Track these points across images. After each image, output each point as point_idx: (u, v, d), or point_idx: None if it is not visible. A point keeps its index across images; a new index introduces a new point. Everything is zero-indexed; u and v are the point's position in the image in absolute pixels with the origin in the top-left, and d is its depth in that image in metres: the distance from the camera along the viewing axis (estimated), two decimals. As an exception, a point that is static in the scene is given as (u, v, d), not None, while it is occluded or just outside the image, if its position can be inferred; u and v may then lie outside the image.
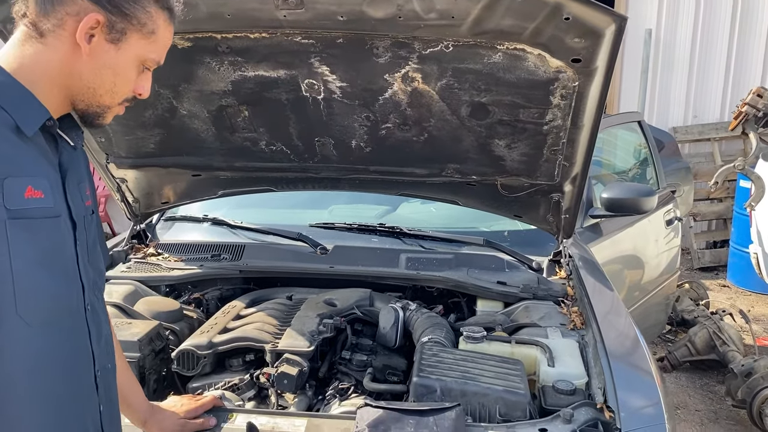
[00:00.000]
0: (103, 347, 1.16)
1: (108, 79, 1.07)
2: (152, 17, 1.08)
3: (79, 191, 1.14)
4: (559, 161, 1.96)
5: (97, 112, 1.10)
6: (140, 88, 1.12)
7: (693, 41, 6.37)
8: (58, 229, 1.04)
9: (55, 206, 1.04)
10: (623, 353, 1.74)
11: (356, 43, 1.63)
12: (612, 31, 1.51)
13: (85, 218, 1.13)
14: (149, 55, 1.10)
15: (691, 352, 3.79)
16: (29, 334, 0.98)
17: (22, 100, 1.02)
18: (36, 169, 1.01)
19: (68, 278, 1.05)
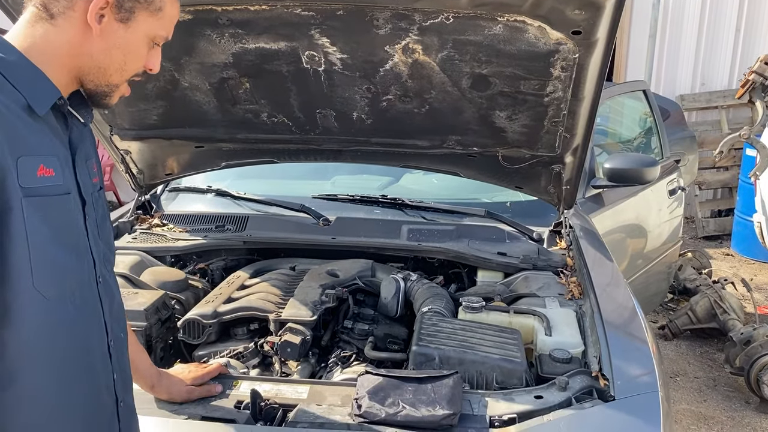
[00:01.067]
0: (116, 317, 1.19)
1: (118, 58, 1.08)
2: (165, 6, 1.10)
3: (87, 168, 1.16)
4: (560, 133, 1.97)
5: (105, 91, 1.11)
6: (150, 63, 1.14)
7: (702, 5, 6.26)
8: (69, 206, 1.07)
9: (65, 184, 1.06)
10: (620, 323, 1.77)
11: (356, 14, 1.62)
12: (612, 3, 1.50)
13: (93, 195, 1.15)
14: (158, 32, 1.11)
15: (692, 321, 3.83)
16: (46, 307, 1.01)
17: (34, 79, 1.03)
18: (47, 147, 1.04)
19: (80, 253, 1.08)
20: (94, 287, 1.11)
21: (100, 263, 1.13)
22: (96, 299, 1.12)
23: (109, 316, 1.15)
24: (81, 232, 1.09)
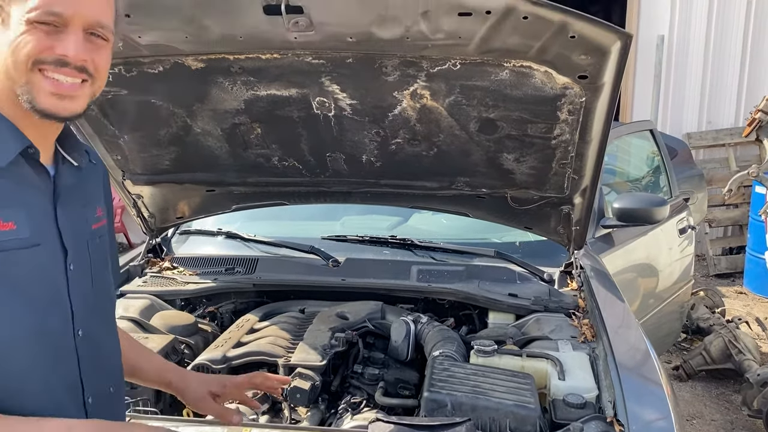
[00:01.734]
0: (103, 371, 1.14)
1: (8, 54, 0.99)
2: None
3: (84, 214, 1.13)
4: (568, 174, 1.98)
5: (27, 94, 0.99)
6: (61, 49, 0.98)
7: (706, 46, 6.33)
8: (37, 258, 1.02)
9: (33, 235, 1.01)
10: (634, 366, 1.75)
11: (365, 62, 1.66)
12: (618, 48, 1.53)
13: (89, 242, 1.12)
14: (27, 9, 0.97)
15: (706, 361, 3.77)
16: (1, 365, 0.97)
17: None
18: (7, 200, 1.00)
19: (46, 306, 1.03)
20: (67, 341, 1.07)
21: (83, 316, 1.09)
22: (69, 354, 1.07)
23: (88, 372, 1.10)
24: (52, 283, 1.05)
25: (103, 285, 1.17)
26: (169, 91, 1.84)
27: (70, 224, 1.08)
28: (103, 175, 1.25)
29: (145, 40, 1.64)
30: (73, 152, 1.12)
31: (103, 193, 1.23)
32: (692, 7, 6.30)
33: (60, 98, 1.01)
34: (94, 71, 1.03)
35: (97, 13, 1.02)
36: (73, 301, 1.08)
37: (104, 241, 1.19)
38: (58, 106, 1.01)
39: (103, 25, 1.03)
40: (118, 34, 1.60)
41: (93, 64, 1.03)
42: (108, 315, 1.20)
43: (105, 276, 1.18)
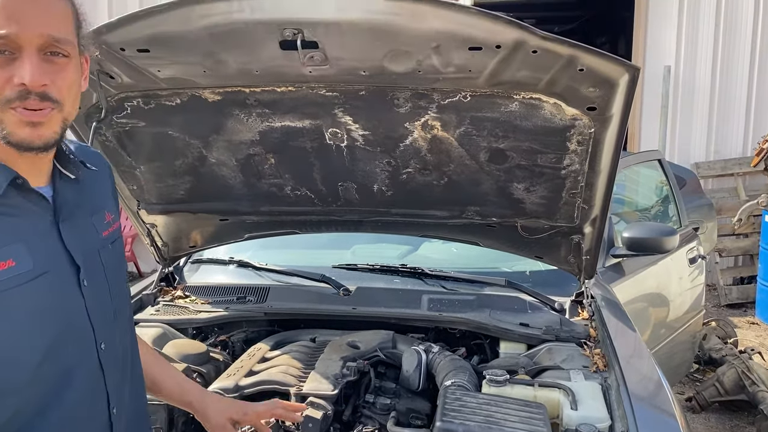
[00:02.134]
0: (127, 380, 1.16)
1: None
2: None
3: (93, 223, 1.13)
4: (578, 204, 2.00)
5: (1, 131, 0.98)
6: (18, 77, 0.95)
7: (712, 77, 6.39)
8: (44, 287, 1.01)
9: (37, 266, 1.00)
10: (646, 396, 1.75)
11: (378, 94, 1.70)
12: (625, 80, 1.56)
13: (101, 251, 1.12)
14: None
15: (719, 393, 3.73)
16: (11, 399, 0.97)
17: None
18: (2, 238, 0.98)
19: (63, 330, 1.03)
20: (92, 358, 1.08)
21: (104, 328, 1.10)
22: (93, 369, 1.08)
23: (113, 381, 1.11)
24: (69, 306, 1.05)
25: (120, 289, 1.17)
26: (186, 123, 1.89)
27: (78, 239, 1.08)
28: (108, 177, 1.25)
29: (164, 73, 1.68)
30: (68, 165, 1.11)
31: (111, 194, 1.22)
32: (698, 39, 6.37)
33: (32, 126, 0.97)
34: (57, 95, 0.99)
35: (48, 27, 0.97)
36: (92, 316, 1.08)
37: (117, 245, 1.18)
38: (32, 135, 0.98)
39: (58, 39, 0.98)
40: (138, 69, 1.66)
41: (56, 88, 0.98)
42: (127, 319, 1.21)
43: (121, 280, 1.19)
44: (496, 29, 1.44)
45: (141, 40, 1.58)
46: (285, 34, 1.49)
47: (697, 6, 6.31)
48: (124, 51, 1.61)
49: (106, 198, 1.20)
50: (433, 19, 1.43)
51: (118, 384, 1.14)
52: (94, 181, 1.17)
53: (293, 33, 1.48)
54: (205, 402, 1.43)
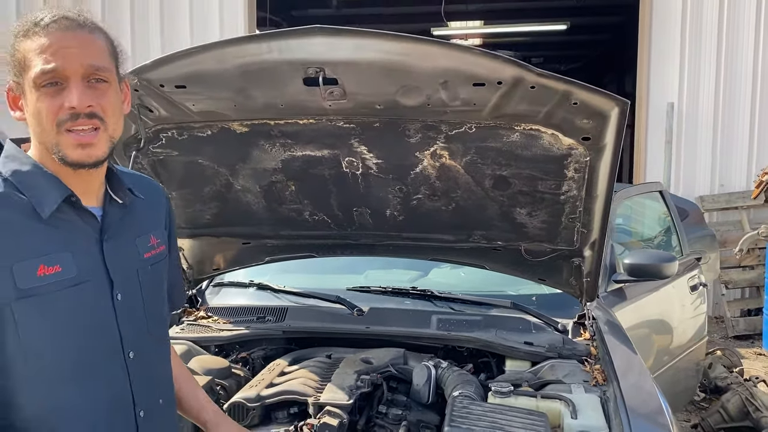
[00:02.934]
0: (154, 387, 1.28)
1: (35, 124, 1.16)
2: (21, 52, 1.15)
3: (136, 245, 1.27)
4: (578, 228, 2.14)
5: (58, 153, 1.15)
6: (68, 102, 1.12)
7: (715, 113, 6.56)
8: (84, 294, 1.16)
9: (79, 274, 1.16)
10: (641, 407, 1.86)
11: (391, 126, 1.86)
12: (616, 113, 1.72)
13: (140, 271, 1.26)
14: (32, 77, 1.13)
15: (724, 419, 3.79)
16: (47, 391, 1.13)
17: (42, 184, 1.16)
18: (52, 246, 1.14)
19: (92, 334, 1.18)
20: (118, 362, 1.21)
21: (134, 338, 1.23)
22: (119, 374, 1.21)
23: (139, 388, 1.23)
24: (103, 314, 1.19)
25: (155, 309, 1.31)
26: (215, 153, 2.06)
27: (118, 257, 1.22)
28: (163, 204, 1.40)
29: (198, 107, 1.86)
30: (118, 191, 1.27)
31: (163, 222, 1.36)
32: (700, 75, 6.55)
33: (83, 148, 1.14)
34: (103, 115, 1.15)
35: (90, 58, 1.14)
36: (122, 326, 1.22)
37: (158, 267, 1.32)
38: (82, 155, 1.15)
39: (98, 67, 1.15)
40: (175, 103, 1.84)
41: (100, 108, 1.15)
42: (160, 334, 1.33)
43: (159, 300, 1.32)
44: (497, 67, 1.60)
45: (179, 78, 1.76)
46: (308, 72, 1.66)
47: (698, 44, 6.53)
48: (163, 87, 1.79)
49: (154, 224, 1.34)
50: (440, 58, 1.61)
51: (146, 392, 1.26)
52: (144, 208, 1.32)
53: (316, 71, 1.66)
54: (219, 424, 1.53)
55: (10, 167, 1.17)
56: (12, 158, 1.19)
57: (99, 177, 1.24)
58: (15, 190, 1.15)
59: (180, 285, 1.50)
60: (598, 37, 12.39)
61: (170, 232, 1.42)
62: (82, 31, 1.16)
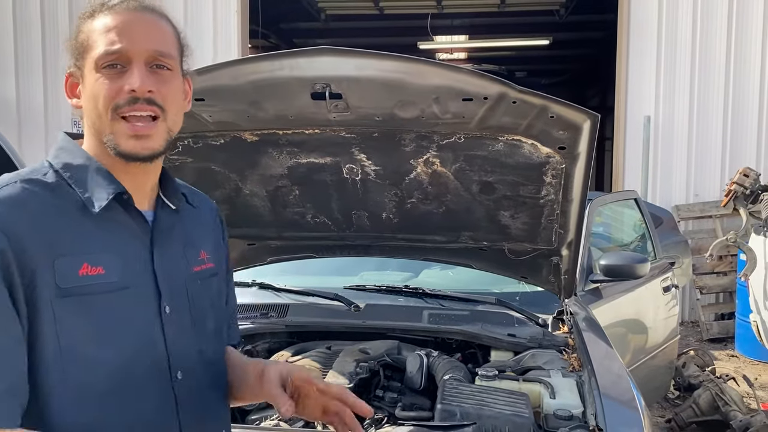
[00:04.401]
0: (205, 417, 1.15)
1: (91, 108, 1.09)
2: (85, 33, 1.10)
3: (185, 256, 1.16)
4: (555, 229, 2.36)
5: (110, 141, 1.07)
6: (128, 85, 1.05)
7: (690, 126, 6.86)
8: (125, 300, 1.05)
9: (122, 279, 1.05)
10: (614, 391, 2.06)
11: (388, 136, 2.07)
12: (588, 125, 1.94)
13: (188, 284, 1.15)
14: (93, 58, 1.07)
15: (696, 414, 4.02)
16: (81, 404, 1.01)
17: (95, 179, 1.08)
18: (98, 245, 1.05)
19: (134, 349, 1.06)
20: (164, 382, 1.09)
21: (182, 359, 1.11)
22: (163, 397, 1.09)
23: (188, 415, 1.11)
24: (146, 326, 1.08)
25: (205, 326, 1.18)
26: (227, 160, 2.25)
27: (167, 266, 1.11)
28: (214, 219, 1.31)
29: (214, 118, 2.06)
30: (172, 197, 1.17)
31: (213, 236, 1.26)
32: (675, 90, 6.86)
33: (137, 139, 1.06)
34: (163, 103, 1.07)
35: (155, 43, 1.08)
36: (169, 344, 1.09)
37: (207, 284, 1.20)
38: (137, 147, 1.06)
39: (163, 53, 1.08)
40: (193, 114, 2.03)
41: (161, 95, 1.07)
42: (213, 356, 1.19)
43: (207, 319, 1.19)
44: (484, 84, 1.82)
45: (197, 91, 1.92)
46: (315, 87, 1.86)
47: (673, 61, 6.84)
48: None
49: (204, 237, 1.24)
50: (434, 76, 1.82)
51: (194, 420, 1.13)
52: (195, 218, 1.23)
53: (322, 86, 1.86)
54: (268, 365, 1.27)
55: (62, 159, 1.10)
56: (65, 150, 1.11)
57: (153, 177, 1.15)
58: (65, 182, 1.07)
59: (235, 318, 1.35)
60: (581, 52, 12.76)
61: (224, 254, 1.31)
62: (150, 14, 1.10)
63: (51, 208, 1.03)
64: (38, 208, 1.02)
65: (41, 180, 1.06)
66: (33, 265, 0.98)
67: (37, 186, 1.05)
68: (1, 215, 0.99)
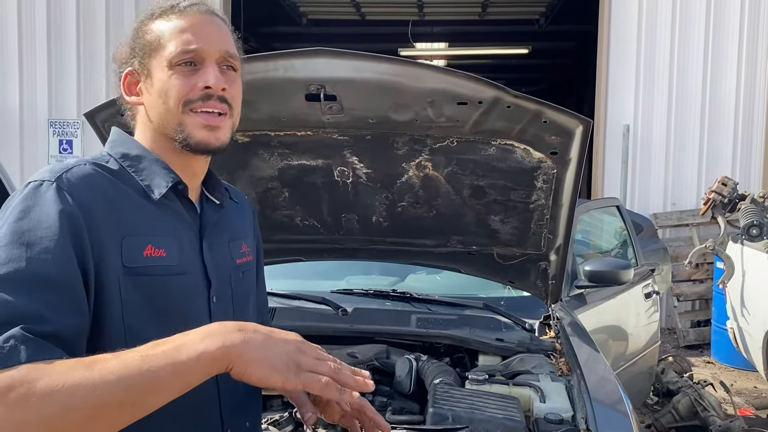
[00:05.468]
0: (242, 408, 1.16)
1: (158, 103, 1.12)
2: (154, 33, 1.13)
3: (229, 249, 1.20)
4: (545, 234, 2.37)
5: (181, 134, 1.11)
6: (203, 82, 1.10)
7: (667, 135, 6.98)
8: (182, 286, 1.09)
9: (180, 264, 1.08)
10: (603, 395, 2.08)
11: (381, 139, 2.07)
12: (580, 130, 1.96)
13: (232, 275, 1.19)
14: (168, 57, 1.11)
15: (675, 419, 4.07)
16: None
17: (153, 169, 1.12)
18: (160, 229, 1.09)
19: None
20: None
21: None
22: (210, 389, 1.09)
23: (228, 407, 1.12)
24: (197, 314, 1.10)
25: (245, 319, 1.14)
26: (216, 160, 2.22)
27: (214, 257, 1.15)
28: (250, 214, 1.36)
29: (206, 118, 2.03)
30: (215, 191, 1.22)
31: (252, 231, 1.32)
32: (653, 100, 6.98)
33: (210, 130, 1.11)
34: (231, 101, 1.15)
35: (225, 43, 1.14)
36: None
37: (247, 276, 1.26)
38: (210, 137, 1.12)
39: (231, 54, 1.15)
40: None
41: (230, 94, 1.14)
42: None
43: (246, 311, 1.23)
44: (479, 88, 1.83)
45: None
46: (310, 89, 1.86)
47: (652, 71, 6.96)
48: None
49: (245, 231, 1.30)
50: (429, 80, 1.82)
51: (233, 412, 1.14)
52: (236, 213, 1.28)
53: (317, 88, 1.85)
54: None
55: (118, 150, 1.14)
56: (120, 143, 1.16)
57: (202, 171, 1.20)
58: (125, 170, 1.11)
59: (266, 308, 1.40)
60: (559, 61, 12.94)
61: (258, 247, 1.37)
62: (217, 18, 1.16)
63: (117, 191, 1.07)
64: (107, 188, 1.06)
65: (105, 165, 1.10)
66: (103, 240, 1.01)
67: (103, 170, 1.09)
68: (75, 190, 1.02)
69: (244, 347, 0.92)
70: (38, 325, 0.91)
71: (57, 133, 7.32)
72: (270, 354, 0.93)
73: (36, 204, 0.99)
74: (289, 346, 0.95)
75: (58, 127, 7.31)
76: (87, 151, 7.18)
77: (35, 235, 0.96)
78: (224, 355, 0.91)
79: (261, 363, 0.92)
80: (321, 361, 0.96)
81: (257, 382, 0.93)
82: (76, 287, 0.97)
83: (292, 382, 0.93)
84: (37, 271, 0.94)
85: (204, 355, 0.90)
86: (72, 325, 0.96)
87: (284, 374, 0.93)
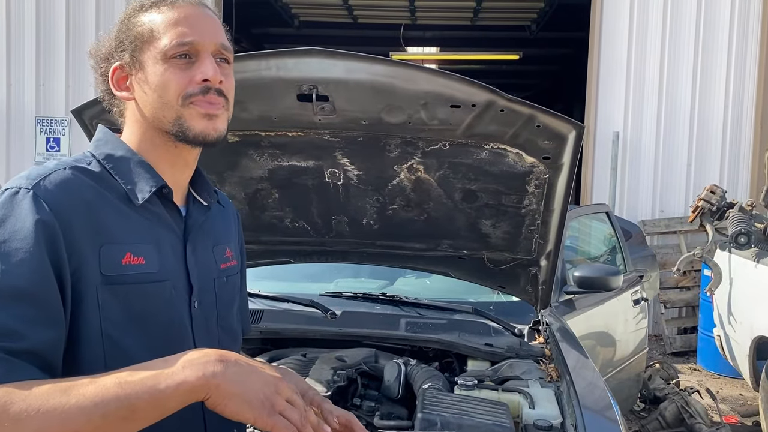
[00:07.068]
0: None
1: (155, 98, 1.09)
2: (146, 25, 1.10)
3: (213, 254, 1.18)
4: (535, 239, 2.36)
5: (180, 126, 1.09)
6: (200, 74, 1.08)
7: (657, 143, 7.02)
8: (162, 293, 1.07)
9: (161, 271, 1.07)
10: (592, 401, 2.07)
11: (373, 140, 2.05)
12: (573, 135, 1.95)
13: (216, 281, 1.17)
14: (163, 50, 1.08)
15: (662, 426, 4.07)
16: None
17: (136, 171, 1.09)
18: (140, 235, 1.07)
19: (170, 341, 1.06)
20: None
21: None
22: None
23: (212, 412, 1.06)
24: (179, 320, 1.09)
25: (228, 324, 1.20)
26: (205, 160, 2.17)
27: (198, 262, 1.14)
28: (235, 218, 1.34)
29: (195, 117, 2.00)
30: (203, 192, 1.21)
31: (236, 235, 1.31)
32: (643, 108, 7.02)
33: (209, 119, 1.10)
34: (227, 94, 1.13)
35: (219, 36, 1.12)
36: (197, 338, 1.11)
37: (231, 281, 1.24)
38: (208, 128, 1.10)
39: (226, 47, 1.13)
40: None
41: (226, 87, 1.12)
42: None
43: (230, 316, 1.22)
44: (473, 91, 1.82)
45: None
46: (302, 89, 1.84)
47: (642, 79, 7.00)
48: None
49: (230, 234, 1.28)
50: (423, 82, 1.81)
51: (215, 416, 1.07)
52: (222, 217, 1.27)
53: (309, 88, 1.83)
54: None
55: (103, 150, 1.11)
56: (105, 142, 1.13)
57: (191, 172, 1.19)
58: (108, 173, 1.09)
59: (247, 310, 1.39)
60: (550, 68, 12.99)
61: (241, 250, 1.36)
62: (209, 10, 1.15)
63: (97, 196, 1.04)
64: (86, 194, 1.04)
65: (86, 168, 1.08)
66: (80, 249, 0.99)
67: (84, 174, 1.06)
68: (53, 198, 0.99)
69: (223, 379, 0.93)
70: (13, 342, 0.90)
71: (44, 131, 7.24)
72: (247, 390, 0.94)
73: (11, 214, 0.97)
74: (268, 384, 0.97)
75: (46, 125, 7.24)
76: (75, 149, 7.11)
77: (10, 246, 0.95)
78: (203, 386, 0.92)
79: (237, 398, 0.93)
80: (292, 408, 0.97)
81: (230, 415, 0.94)
82: (53, 299, 0.96)
83: (263, 422, 0.94)
84: (12, 283, 0.93)
85: (183, 385, 0.91)
86: (48, 338, 0.95)
87: (258, 411, 0.94)
